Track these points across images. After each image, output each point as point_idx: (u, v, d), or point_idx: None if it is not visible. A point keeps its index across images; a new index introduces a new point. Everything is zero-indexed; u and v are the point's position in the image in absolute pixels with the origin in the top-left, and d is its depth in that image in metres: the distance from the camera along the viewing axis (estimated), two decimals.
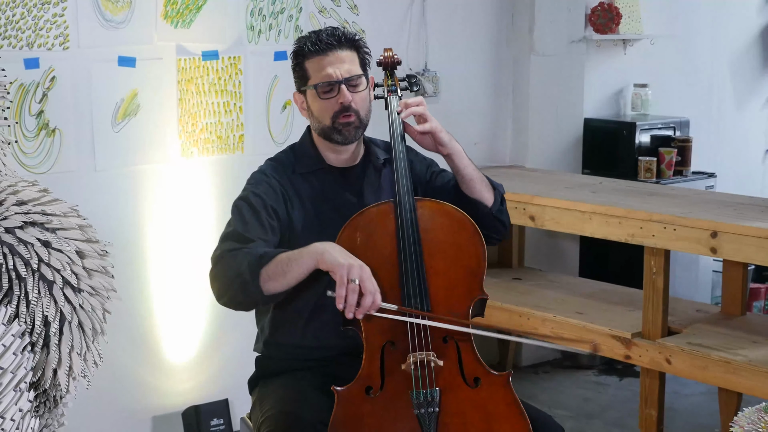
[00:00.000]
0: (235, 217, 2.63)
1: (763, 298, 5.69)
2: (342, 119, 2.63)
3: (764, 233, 3.58)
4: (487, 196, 2.72)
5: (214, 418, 4.06)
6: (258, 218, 2.60)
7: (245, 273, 2.44)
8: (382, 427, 2.47)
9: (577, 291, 4.60)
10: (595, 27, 5.38)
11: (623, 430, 4.41)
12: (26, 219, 1.99)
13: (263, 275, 2.43)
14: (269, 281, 2.44)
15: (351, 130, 2.65)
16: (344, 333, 2.56)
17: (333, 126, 2.65)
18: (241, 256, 2.47)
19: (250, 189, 2.69)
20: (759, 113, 6.60)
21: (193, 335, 4.18)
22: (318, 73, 2.64)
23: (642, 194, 4.34)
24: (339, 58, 2.63)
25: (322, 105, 2.65)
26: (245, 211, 2.62)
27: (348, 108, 2.63)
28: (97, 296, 2.07)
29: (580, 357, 5.12)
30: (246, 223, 2.59)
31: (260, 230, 2.58)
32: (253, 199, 2.64)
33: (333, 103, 2.63)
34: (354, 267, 2.36)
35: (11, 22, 3.62)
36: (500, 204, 2.76)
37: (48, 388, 2.07)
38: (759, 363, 3.64)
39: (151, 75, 3.95)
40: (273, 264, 2.44)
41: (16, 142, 3.67)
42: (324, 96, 2.64)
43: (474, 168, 2.72)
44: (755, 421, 1.87)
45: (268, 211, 2.62)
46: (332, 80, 2.62)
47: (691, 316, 4.23)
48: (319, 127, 2.69)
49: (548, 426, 2.58)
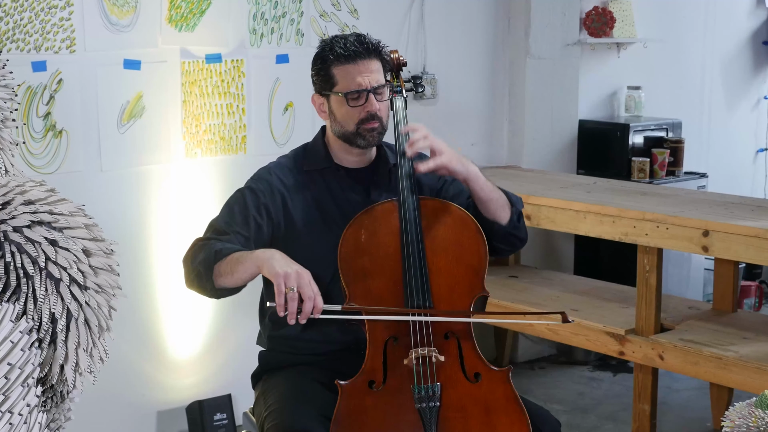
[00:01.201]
0: (225, 208, 2.69)
1: (754, 295, 5.69)
2: (367, 126, 2.64)
3: (754, 232, 3.58)
4: (502, 216, 2.69)
5: (217, 412, 4.05)
6: (245, 213, 2.64)
7: (201, 265, 2.52)
8: (385, 421, 2.47)
9: (571, 288, 4.60)
10: (590, 31, 5.38)
11: (617, 424, 4.41)
12: (34, 218, 1.99)
13: (216, 270, 2.51)
14: (220, 277, 2.51)
15: (375, 136, 2.66)
16: (347, 328, 2.56)
17: (357, 131, 2.65)
18: (206, 248, 2.55)
19: (250, 184, 2.72)
20: (749, 115, 6.60)
21: (197, 332, 4.18)
22: (347, 81, 2.63)
23: (635, 194, 4.34)
24: (369, 68, 2.63)
25: (348, 111, 2.65)
26: (235, 203, 2.67)
27: (374, 116, 2.64)
28: (103, 294, 2.07)
29: (576, 353, 5.12)
30: (232, 215, 2.65)
31: (243, 225, 2.62)
32: (247, 194, 2.68)
33: (360, 111, 2.63)
34: (290, 275, 2.36)
35: (19, 25, 3.61)
36: (516, 221, 2.72)
37: (55, 384, 2.06)
38: (749, 359, 3.64)
39: (155, 77, 3.95)
40: (225, 262, 2.50)
41: (24, 143, 3.66)
42: (352, 104, 2.64)
43: (491, 188, 2.67)
44: (746, 415, 1.86)
45: (259, 209, 2.65)
46: (362, 89, 2.62)
47: (683, 313, 4.23)
48: (341, 131, 2.68)
49: (546, 421, 2.58)
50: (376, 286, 2.54)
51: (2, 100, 2.19)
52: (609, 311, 4.23)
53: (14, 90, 2.27)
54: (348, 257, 2.54)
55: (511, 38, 5.13)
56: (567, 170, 5.30)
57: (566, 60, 5.24)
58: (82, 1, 3.74)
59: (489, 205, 2.66)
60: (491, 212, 2.66)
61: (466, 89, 5.04)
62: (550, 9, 5.12)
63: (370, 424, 2.47)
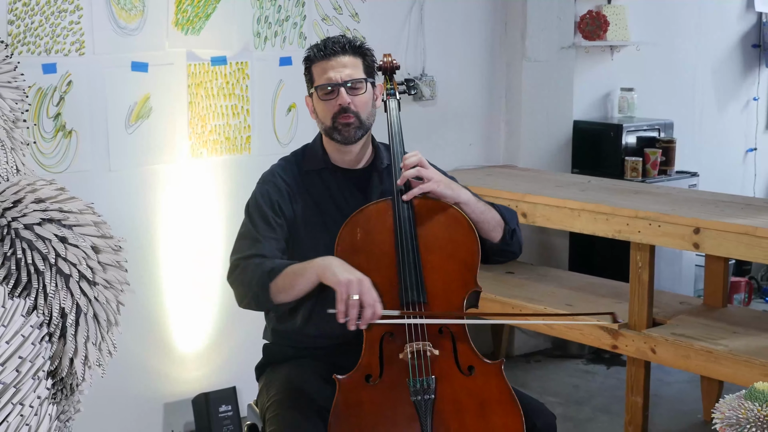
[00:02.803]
0: (247, 218, 2.70)
1: (743, 291, 5.69)
2: (341, 119, 2.64)
3: (744, 229, 3.58)
4: (494, 235, 2.68)
5: (222, 404, 4.06)
6: (265, 217, 2.65)
7: (256, 287, 2.52)
8: (381, 414, 2.47)
9: (566, 284, 4.60)
10: (584, 34, 5.38)
11: (610, 416, 4.41)
12: (44, 216, 1.99)
13: (272, 289, 2.50)
14: (278, 294, 2.51)
15: (350, 131, 2.65)
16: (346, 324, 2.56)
17: (333, 126, 2.66)
18: (253, 268, 2.54)
19: (258, 189, 2.73)
20: (739, 115, 6.60)
21: (202, 326, 4.18)
22: (321, 77, 2.66)
23: (628, 192, 4.34)
24: (341, 63, 2.65)
25: (323, 106, 2.66)
26: (254, 211, 2.68)
27: (347, 109, 2.63)
28: (112, 289, 2.07)
29: (570, 347, 5.12)
30: (255, 224, 2.65)
31: (268, 229, 2.63)
32: (261, 199, 2.69)
33: (333, 105, 2.64)
34: (353, 283, 2.38)
35: (30, 29, 3.61)
36: (509, 238, 2.71)
37: (65, 377, 2.07)
38: (739, 352, 3.64)
39: (162, 79, 3.95)
40: (281, 278, 2.49)
41: (35, 143, 3.67)
42: (324, 98, 2.65)
43: (482, 210, 2.65)
44: (736, 407, 1.86)
45: (275, 209, 2.66)
46: (332, 83, 2.63)
47: (674, 308, 4.23)
48: (323, 127, 2.70)
49: (541, 413, 2.57)
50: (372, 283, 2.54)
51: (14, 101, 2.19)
52: (603, 306, 4.22)
53: (25, 91, 2.27)
54: (344, 256, 2.54)
55: (508, 41, 5.13)
56: (562, 169, 5.30)
57: (561, 62, 5.23)
58: (91, 5, 3.74)
59: (481, 226, 2.65)
60: (483, 233, 2.65)
61: (464, 91, 5.04)
62: (545, 13, 5.11)
63: (368, 417, 2.47)
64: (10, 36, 3.57)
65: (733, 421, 1.85)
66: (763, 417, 1.83)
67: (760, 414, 1.83)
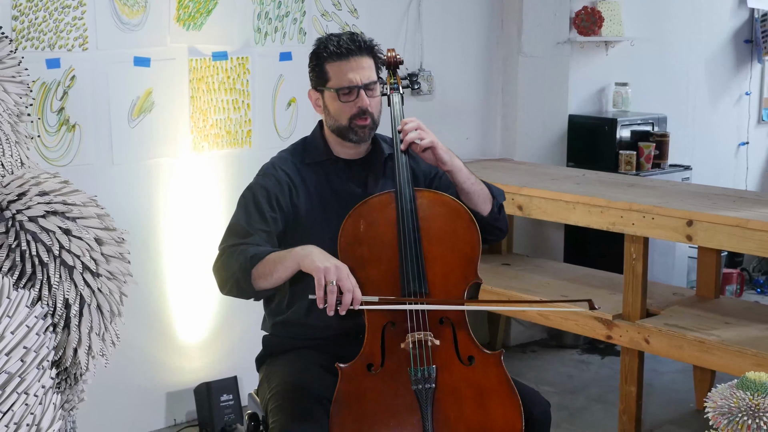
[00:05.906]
0: (240, 209, 2.67)
1: (735, 282, 5.70)
2: (359, 121, 2.64)
3: (736, 222, 3.58)
4: (483, 208, 2.69)
5: (223, 394, 4.06)
6: (260, 210, 2.63)
7: (238, 272, 2.51)
8: (383, 402, 2.47)
9: (561, 275, 4.60)
10: (579, 30, 5.37)
11: (605, 405, 4.42)
12: (48, 208, 1.99)
13: (254, 274, 2.50)
14: (259, 279, 2.50)
15: (366, 131, 2.67)
16: (347, 314, 2.56)
17: (349, 126, 2.65)
18: (237, 254, 2.53)
19: (258, 181, 2.71)
20: (731, 110, 6.60)
21: (204, 317, 4.19)
22: (339, 77, 2.63)
23: (622, 186, 4.34)
24: (360, 65, 2.63)
25: (341, 107, 2.65)
26: (249, 203, 2.66)
27: (365, 111, 2.63)
28: (115, 280, 2.07)
29: (565, 337, 5.12)
30: (249, 215, 2.63)
31: (261, 222, 2.61)
32: (258, 191, 2.66)
33: (351, 106, 2.64)
34: (330, 269, 2.38)
35: (34, 24, 3.61)
36: (497, 213, 2.73)
37: (69, 366, 2.07)
38: (731, 342, 3.64)
39: (164, 74, 3.95)
40: (262, 264, 2.49)
41: (39, 137, 3.66)
42: (344, 99, 2.64)
43: (474, 181, 2.68)
44: (728, 396, 1.86)
45: (272, 203, 2.64)
46: (353, 85, 2.62)
47: (668, 299, 4.23)
48: (335, 125, 2.68)
49: (536, 401, 2.57)
50: (374, 274, 2.54)
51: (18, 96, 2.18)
52: (597, 297, 4.16)
53: (29, 86, 2.27)
54: (347, 247, 2.54)
55: (504, 37, 5.12)
56: (557, 163, 5.30)
57: (557, 58, 5.23)
58: (94, 1, 3.74)
59: (471, 196, 2.66)
60: (473, 204, 2.67)
61: (461, 86, 5.03)
62: (541, 9, 5.11)
63: (369, 406, 2.47)
64: (14, 31, 3.56)
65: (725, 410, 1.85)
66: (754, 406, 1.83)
67: (752, 403, 1.83)
